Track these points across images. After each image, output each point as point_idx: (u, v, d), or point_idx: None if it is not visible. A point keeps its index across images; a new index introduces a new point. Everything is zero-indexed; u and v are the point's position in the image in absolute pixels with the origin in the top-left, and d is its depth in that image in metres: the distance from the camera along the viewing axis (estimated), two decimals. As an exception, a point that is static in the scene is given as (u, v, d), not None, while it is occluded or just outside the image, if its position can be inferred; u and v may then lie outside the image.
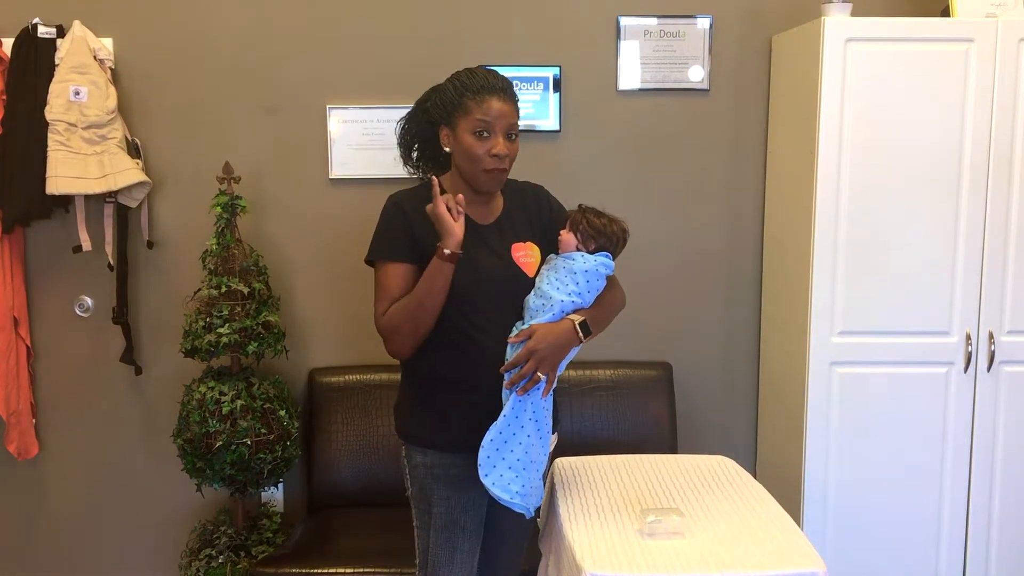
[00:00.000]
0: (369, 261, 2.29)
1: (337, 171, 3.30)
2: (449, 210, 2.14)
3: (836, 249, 2.95)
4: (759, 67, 3.34)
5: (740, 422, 3.51)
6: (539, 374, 2.16)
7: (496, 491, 2.16)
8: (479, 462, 2.16)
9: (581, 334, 2.21)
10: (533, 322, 2.20)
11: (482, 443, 2.16)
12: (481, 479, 2.16)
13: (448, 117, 2.23)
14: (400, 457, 2.37)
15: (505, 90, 2.23)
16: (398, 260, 2.23)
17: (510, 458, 2.17)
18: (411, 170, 2.41)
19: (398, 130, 2.37)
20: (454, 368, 2.24)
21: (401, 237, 2.23)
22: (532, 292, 2.26)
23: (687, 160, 3.37)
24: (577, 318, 2.22)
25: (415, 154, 2.38)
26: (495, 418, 2.17)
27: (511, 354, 2.19)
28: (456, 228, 2.13)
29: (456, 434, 2.25)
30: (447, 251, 2.12)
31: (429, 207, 2.14)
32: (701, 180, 3.39)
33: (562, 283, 2.23)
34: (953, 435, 3.02)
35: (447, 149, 2.26)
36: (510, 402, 2.16)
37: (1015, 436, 3.03)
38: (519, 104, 2.26)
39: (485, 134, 2.19)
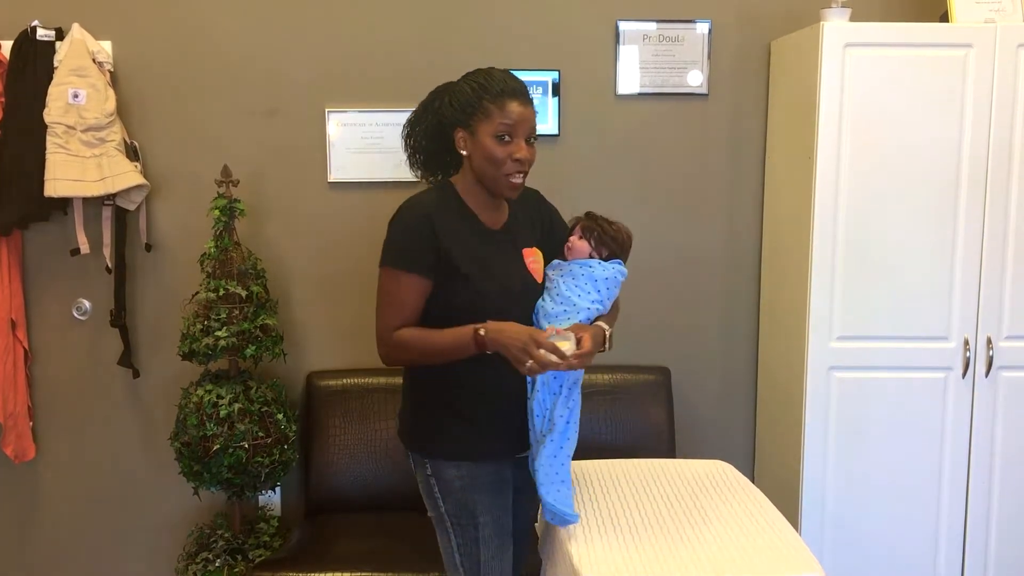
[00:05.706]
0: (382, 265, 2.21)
1: (336, 175, 3.30)
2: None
3: (834, 254, 2.95)
4: (758, 72, 3.34)
5: (738, 427, 3.51)
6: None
7: (559, 507, 2.19)
8: (538, 482, 2.19)
9: (608, 345, 2.22)
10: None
11: (536, 465, 2.19)
12: (543, 498, 2.19)
13: (465, 119, 2.16)
14: (425, 476, 2.27)
15: (524, 94, 2.17)
16: (418, 274, 2.14)
17: (562, 472, 2.20)
18: (418, 173, 2.34)
19: (404, 132, 2.31)
20: (478, 377, 2.20)
21: (427, 252, 2.14)
22: (546, 297, 2.25)
23: (686, 165, 3.37)
24: (607, 327, 2.22)
25: (422, 156, 2.31)
26: (520, 421, 2.21)
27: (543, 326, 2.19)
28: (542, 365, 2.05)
29: (489, 442, 2.25)
30: (489, 352, 2.08)
31: (545, 351, 2.01)
32: (700, 185, 3.39)
33: (583, 290, 2.22)
34: (951, 440, 3.02)
35: (463, 152, 2.20)
36: (557, 425, 2.18)
37: (1013, 441, 3.03)
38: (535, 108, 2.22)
39: (507, 138, 2.14)
